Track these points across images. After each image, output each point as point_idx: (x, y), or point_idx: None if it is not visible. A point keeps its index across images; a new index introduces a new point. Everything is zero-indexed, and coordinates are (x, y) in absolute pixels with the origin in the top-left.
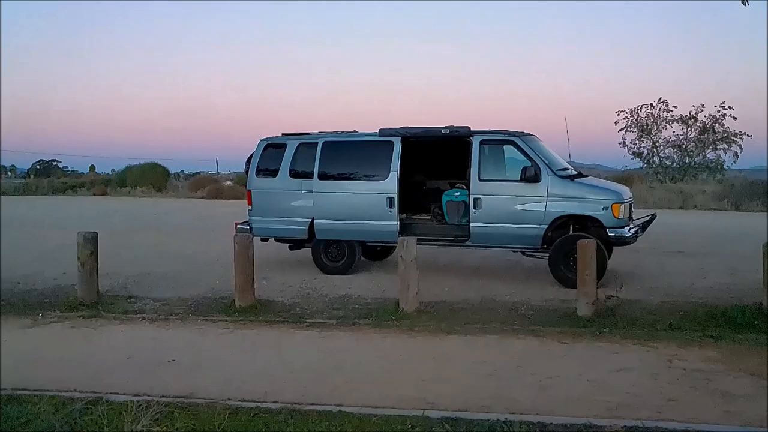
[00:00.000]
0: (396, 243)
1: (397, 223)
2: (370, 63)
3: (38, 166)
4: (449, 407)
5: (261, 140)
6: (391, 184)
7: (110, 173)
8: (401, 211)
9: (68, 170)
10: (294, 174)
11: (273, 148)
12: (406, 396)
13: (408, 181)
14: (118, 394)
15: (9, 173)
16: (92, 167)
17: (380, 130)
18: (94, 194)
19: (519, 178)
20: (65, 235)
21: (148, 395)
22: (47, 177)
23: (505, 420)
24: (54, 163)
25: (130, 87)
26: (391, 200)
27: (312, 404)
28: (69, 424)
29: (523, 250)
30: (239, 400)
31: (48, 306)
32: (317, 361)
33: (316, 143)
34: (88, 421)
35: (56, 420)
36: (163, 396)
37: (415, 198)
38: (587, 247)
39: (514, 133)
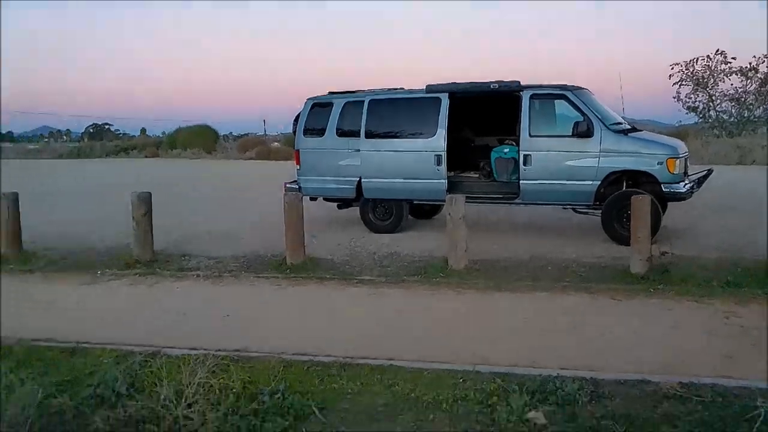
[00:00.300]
0: (444, 201)
1: (444, 181)
2: (419, 20)
3: (91, 130)
4: (499, 363)
5: (308, 99)
6: (438, 141)
7: (160, 136)
8: (449, 169)
9: (120, 133)
10: (341, 133)
11: (320, 107)
12: (456, 351)
13: (456, 138)
14: (175, 348)
15: (64, 137)
16: (143, 130)
17: (427, 86)
18: (146, 156)
19: (571, 133)
20: (121, 196)
21: (204, 349)
22: (100, 140)
23: (557, 375)
24: (106, 126)
25: (179, 51)
26: (438, 158)
27: (363, 358)
28: (130, 375)
29: (575, 207)
30: (293, 354)
31: (106, 264)
32: (367, 317)
33: (363, 101)
34: (148, 373)
35: (118, 371)
36: (218, 350)
37: (463, 155)
38: (642, 203)
39: (566, 87)
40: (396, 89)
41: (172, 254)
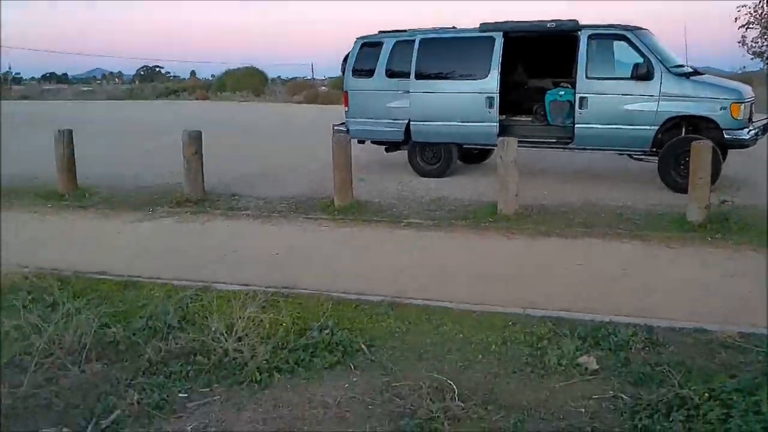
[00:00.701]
0: (495, 146)
1: (496, 124)
2: None
3: (142, 72)
4: (549, 307)
5: (357, 39)
6: (491, 83)
7: (210, 78)
8: (501, 112)
9: (170, 75)
10: (390, 74)
11: (369, 47)
12: (505, 295)
13: (509, 80)
14: (225, 283)
15: (116, 79)
16: (193, 72)
17: (481, 24)
18: (197, 98)
19: (630, 76)
20: (172, 136)
21: (254, 285)
22: (151, 82)
23: (609, 321)
24: (157, 68)
25: None
26: (490, 100)
27: (411, 299)
28: (181, 309)
29: (631, 153)
30: (341, 292)
31: (158, 202)
32: (414, 259)
33: (413, 40)
34: (198, 307)
35: (170, 304)
36: (269, 287)
37: (516, 98)
38: (702, 150)
39: (626, 27)
40: (448, 28)
41: (222, 194)
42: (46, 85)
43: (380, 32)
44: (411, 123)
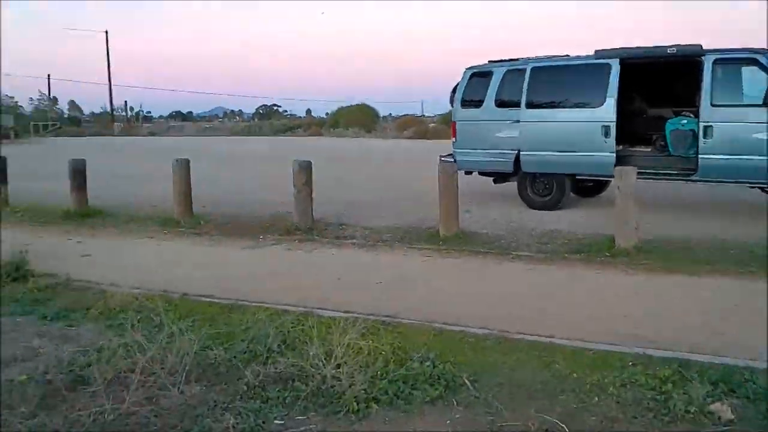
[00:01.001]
0: (611, 177)
1: (613, 154)
2: None
3: (261, 111)
4: (674, 348)
5: (466, 69)
6: (607, 111)
7: (324, 116)
8: (618, 142)
9: (287, 113)
10: (500, 103)
11: (478, 76)
12: (624, 333)
13: (626, 108)
14: (326, 309)
15: (237, 117)
16: (308, 111)
17: (596, 51)
18: (311, 134)
19: (761, 102)
20: (284, 168)
21: (356, 313)
22: (269, 119)
23: (746, 366)
24: (275, 107)
25: (340, 35)
26: (607, 129)
27: (520, 334)
28: (282, 333)
29: (763, 186)
30: (444, 323)
31: (268, 230)
32: (524, 292)
33: (525, 69)
34: (299, 331)
35: (271, 328)
36: (370, 314)
37: (634, 127)
38: None
39: (757, 51)
40: (561, 56)
41: (330, 223)
42: (172, 122)
43: (490, 62)
44: (521, 153)
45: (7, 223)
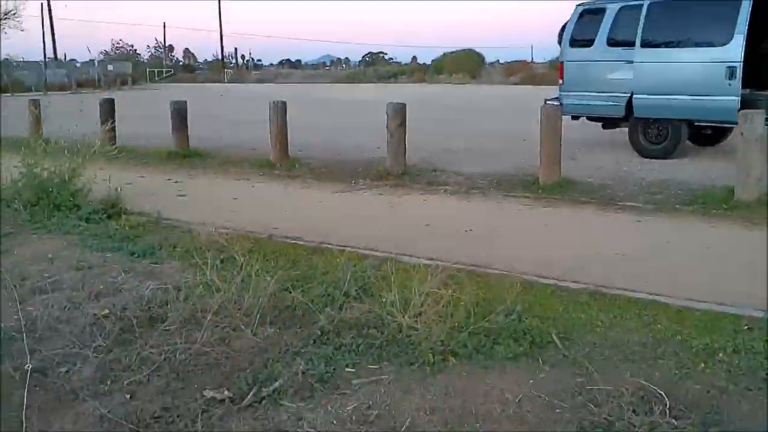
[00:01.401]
0: (733, 124)
1: (737, 98)
2: None
3: (367, 58)
4: None
5: (577, 6)
6: (733, 50)
7: (429, 63)
8: (744, 85)
9: (392, 60)
10: (612, 42)
11: (590, 14)
12: (738, 294)
13: (755, 48)
14: (410, 256)
15: (343, 65)
16: (414, 57)
17: None
18: (414, 81)
19: None
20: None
21: (440, 260)
22: (373, 66)
23: None
24: (381, 54)
25: None
26: (731, 71)
27: (619, 289)
28: (361, 278)
29: None
30: (534, 275)
31: (361, 174)
32: (628, 245)
33: (641, 5)
34: (378, 276)
35: (349, 272)
36: (455, 263)
37: (763, 70)
38: None
39: None
40: None
41: (424, 168)
42: (281, 69)
43: None
44: (634, 97)
45: (112, 162)
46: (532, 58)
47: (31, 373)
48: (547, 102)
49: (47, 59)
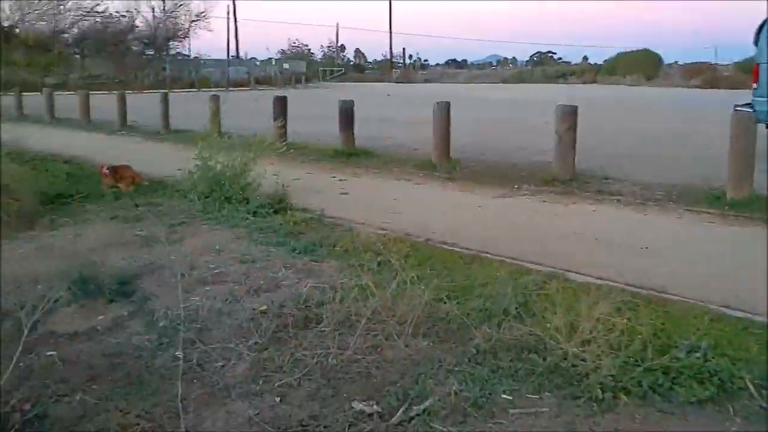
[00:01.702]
0: None
1: None
2: None
3: (535, 58)
4: None
5: None
6: None
7: (602, 64)
8: None
9: (561, 60)
10: None
11: None
12: None
13: None
14: (578, 273)
15: (510, 65)
16: (585, 57)
17: None
18: (584, 82)
19: None
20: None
21: (611, 281)
22: (541, 66)
23: None
24: (549, 54)
25: None
26: None
27: None
28: (523, 295)
29: None
30: (723, 306)
31: (524, 179)
32: None
33: None
34: (542, 296)
35: (510, 287)
36: (628, 285)
37: None
38: None
39: None
40: None
41: (594, 175)
42: (447, 69)
43: None
44: None
45: (281, 158)
46: (716, 60)
47: (190, 366)
48: (737, 108)
49: (230, 57)
